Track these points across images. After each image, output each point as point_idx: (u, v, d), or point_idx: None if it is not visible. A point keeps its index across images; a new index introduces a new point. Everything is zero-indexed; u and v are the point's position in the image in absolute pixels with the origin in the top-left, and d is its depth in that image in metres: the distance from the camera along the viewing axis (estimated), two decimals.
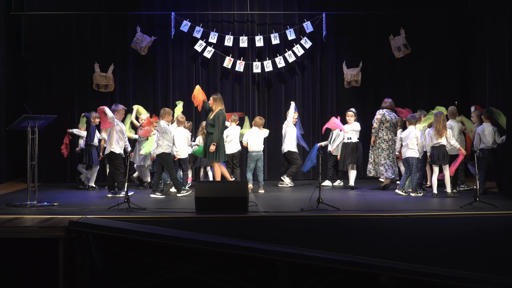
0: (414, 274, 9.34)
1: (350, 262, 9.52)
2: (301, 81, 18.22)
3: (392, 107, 15.35)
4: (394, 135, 14.99)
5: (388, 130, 14.96)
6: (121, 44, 17.80)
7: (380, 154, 14.94)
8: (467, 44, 17.90)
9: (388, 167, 14.89)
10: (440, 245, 10.24)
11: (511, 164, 13.03)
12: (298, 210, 11.31)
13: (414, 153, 13.82)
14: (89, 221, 9.97)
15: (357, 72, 17.75)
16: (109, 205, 11.63)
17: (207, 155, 14.02)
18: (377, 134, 15.01)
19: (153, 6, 17.82)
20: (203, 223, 10.61)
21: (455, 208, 11.61)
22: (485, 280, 9.58)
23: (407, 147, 13.91)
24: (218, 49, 17.65)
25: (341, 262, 9.51)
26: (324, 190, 13.71)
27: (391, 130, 14.99)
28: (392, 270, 9.33)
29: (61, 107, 17.01)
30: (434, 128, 13.73)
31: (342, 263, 9.50)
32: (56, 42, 17.53)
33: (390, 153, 14.92)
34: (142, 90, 17.76)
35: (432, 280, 9.31)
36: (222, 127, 14.07)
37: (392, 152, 14.92)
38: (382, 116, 15.07)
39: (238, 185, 12.14)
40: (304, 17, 17.70)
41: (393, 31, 17.78)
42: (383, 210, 11.42)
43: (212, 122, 13.91)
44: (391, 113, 15.18)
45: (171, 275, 10.03)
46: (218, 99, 14.13)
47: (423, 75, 18.21)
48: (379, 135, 15.01)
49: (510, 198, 12.83)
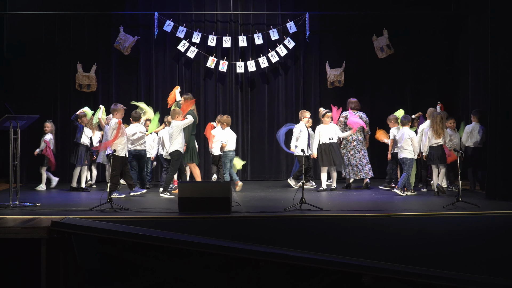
0: (397, 274, 9.37)
1: (333, 262, 9.53)
2: (284, 81, 18.24)
3: (357, 107, 15.43)
4: (360, 134, 15.13)
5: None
6: (104, 44, 17.76)
7: (345, 155, 15.08)
8: (451, 44, 17.97)
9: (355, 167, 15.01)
10: (423, 245, 10.27)
11: (492, 165, 13.10)
12: (281, 210, 11.30)
13: (409, 154, 13.90)
14: (72, 222, 9.93)
15: (340, 73, 17.78)
16: (92, 206, 11.60)
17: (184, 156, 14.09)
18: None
19: (136, 6, 17.77)
20: (186, 223, 10.59)
21: (437, 208, 11.64)
22: (468, 279, 9.62)
23: (402, 148, 13.98)
24: (202, 49, 17.64)
25: (324, 262, 9.52)
26: (307, 191, 13.72)
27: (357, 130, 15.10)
28: (375, 270, 9.36)
29: (44, 107, 16.93)
30: (432, 128, 13.90)
31: (325, 263, 9.51)
32: (39, 42, 17.45)
33: (356, 153, 15.01)
34: (125, 90, 17.73)
35: (416, 280, 9.34)
36: (193, 128, 14.08)
37: (359, 151, 14.98)
38: (344, 118, 15.30)
39: (221, 185, 12.13)
40: (287, 17, 17.71)
41: (376, 31, 17.83)
42: (366, 210, 11.44)
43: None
44: (356, 113, 15.28)
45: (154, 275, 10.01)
46: (189, 99, 14.17)
47: (406, 76, 18.25)
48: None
49: (492, 198, 12.91)
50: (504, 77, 13.03)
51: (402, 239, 10.41)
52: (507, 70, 13.02)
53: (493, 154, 13.08)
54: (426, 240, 10.36)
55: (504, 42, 13.07)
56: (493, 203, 12.36)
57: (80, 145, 14.84)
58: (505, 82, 13.02)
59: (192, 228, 10.43)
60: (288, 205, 11.56)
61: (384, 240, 10.39)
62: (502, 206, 11.84)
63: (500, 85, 13.04)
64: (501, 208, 11.57)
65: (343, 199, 13.53)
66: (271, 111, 18.19)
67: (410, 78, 18.25)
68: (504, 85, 13.01)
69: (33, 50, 17.38)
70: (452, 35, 17.90)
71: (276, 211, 11.28)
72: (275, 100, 18.19)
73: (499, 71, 13.08)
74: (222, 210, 11.13)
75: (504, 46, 13.07)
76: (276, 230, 10.57)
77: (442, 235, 10.50)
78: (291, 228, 10.59)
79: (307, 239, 10.32)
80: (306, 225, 10.72)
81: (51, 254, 9.57)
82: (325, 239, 10.37)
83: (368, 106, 17.80)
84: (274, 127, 17.97)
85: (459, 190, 12.13)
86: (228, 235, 10.25)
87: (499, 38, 13.14)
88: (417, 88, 18.20)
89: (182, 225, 10.51)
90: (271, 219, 10.93)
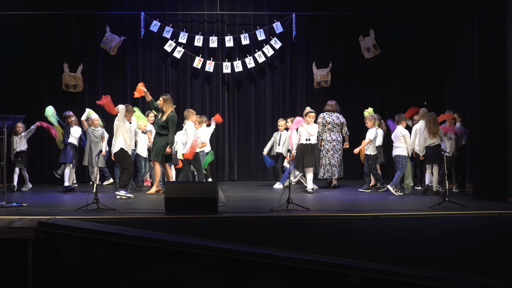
0: (384, 274, 9.39)
1: (320, 262, 9.55)
2: (271, 81, 18.26)
3: (333, 109, 15.48)
4: (338, 135, 15.17)
5: (331, 131, 15.15)
6: (90, 44, 17.72)
7: (325, 155, 15.10)
8: (437, 44, 17.98)
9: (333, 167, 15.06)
10: (409, 245, 10.30)
11: (479, 165, 13.15)
12: (268, 210, 11.30)
13: (402, 151, 14.06)
14: (59, 222, 9.91)
15: (326, 73, 17.80)
16: (79, 206, 11.57)
17: (156, 155, 14.02)
18: (321, 136, 15.22)
19: (122, 6, 17.73)
20: (172, 224, 10.56)
21: (424, 208, 11.67)
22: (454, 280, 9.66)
23: (395, 146, 14.17)
24: (188, 49, 17.64)
25: (311, 262, 9.54)
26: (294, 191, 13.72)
27: (334, 131, 15.19)
28: (361, 270, 9.39)
29: (30, 107, 16.86)
30: (427, 128, 13.97)
31: (312, 263, 9.53)
32: (25, 42, 17.35)
33: (335, 153, 15.04)
34: (112, 90, 17.64)
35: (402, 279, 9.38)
36: (175, 129, 14.08)
37: (337, 152, 15.02)
38: (322, 119, 15.34)
39: (207, 185, 12.13)
40: (274, 18, 17.72)
41: (363, 31, 17.86)
42: (353, 211, 11.45)
43: (165, 124, 13.92)
44: (332, 114, 15.34)
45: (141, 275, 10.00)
46: (169, 100, 14.14)
47: (393, 76, 18.31)
48: (323, 137, 15.23)
49: (478, 198, 12.96)
50: (490, 78, 13.08)
51: (389, 239, 10.43)
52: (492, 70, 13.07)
53: (480, 155, 13.13)
54: (413, 240, 10.38)
55: (490, 42, 13.12)
56: (480, 203, 12.40)
57: (68, 144, 14.86)
58: (491, 82, 13.07)
59: (178, 228, 10.41)
60: (274, 205, 11.57)
61: (371, 240, 10.39)
62: (489, 206, 11.89)
63: (487, 86, 13.09)
64: (488, 208, 11.61)
65: (330, 199, 13.54)
66: (258, 112, 18.20)
67: (397, 78, 18.28)
68: (490, 85, 13.06)
69: (19, 50, 17.28)
70: (439, 35, 17.92)
71: (263, 211, 11.28)
72: (261, 100, 18.20)
73: (485, 71, 13.12)
74: (208, 210, 11.11)
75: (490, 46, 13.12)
76: (263, 230, 10.57)
77: (429, 235, 10.52)
78: (278, 228, 10.59)
79: (294, 239, 10.32)
80: (292, 225, 10.73)
81: (38, 255, 9.56)
82: (311, 239, 10.36)
83: (356, 106, 17.84)
84: (261, 127, 18.01)
85: (445, 190, 12.17)
86: (215, 235, 10.24)
87: (485, 38, 13.19)
88: (404, 88, 18.23)
89: (168, 225, 10.50)
90: (258, 219, 10.92)
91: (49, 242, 9.68)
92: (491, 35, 13.16)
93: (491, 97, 13.07)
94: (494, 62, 13.11)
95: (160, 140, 13.94)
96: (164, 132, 13.92)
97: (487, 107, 13.08)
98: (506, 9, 13.09)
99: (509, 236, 10.70)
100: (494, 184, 12.94)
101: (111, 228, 10.01)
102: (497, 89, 13.08)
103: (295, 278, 9.79)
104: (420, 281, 9.49)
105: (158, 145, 13.98)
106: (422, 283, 9.50)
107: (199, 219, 10.70)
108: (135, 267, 9.98)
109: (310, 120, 14.77)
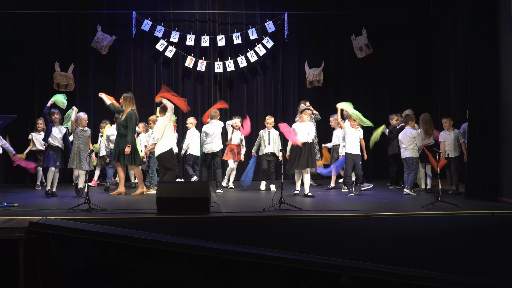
0: (376, 274, 9.37)
1: (312, 262, 9.53)
2: (263, 81, 18.24)
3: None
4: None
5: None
6: (81, 43, 17.69)
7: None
8: (429, 44, 18.01)
9: None
10: (402, 244, 10.28)
11: (471, 165, 13.15)
12: (260, 210, 11.28)
13: (412, 153, 14.03)
14: (50, 222, 9.86)
15: (319, 72, 17.79)
16: (70, 206, 11.52)
17: (122, 158, 13.70)
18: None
19: (114, 5, 17.70)
20: (164, 224, 10.53)
21: (417, 208, 11.66)
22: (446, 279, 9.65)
23: (404, 148, 14.14)
24: (180, 48, 17.61)
25: (303, 262, 9.51)
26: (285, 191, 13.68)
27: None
28: (354, 270, 9.36)
29: (21, 107, 16.83)
30: (423, 129, 14.02)
31: (304, 263, 9.51)
32: (16, 41, 17.35)
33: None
34: (103, 89, 17.42)
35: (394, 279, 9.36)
36: (135, 128, 13.90)
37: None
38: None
39: (199, 185, 12.07)
40: (266, 17, 17.71)
41: (355, 31, 17.87)
42: (345, 210, 11.43)
43: (125, 123, 13.66)
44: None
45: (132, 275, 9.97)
46: (129, 98, 13.85)
47: (385, 75, 18.34)
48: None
49: (471, 198, 12.96)
50: (482, 78, 13.07)
51: (381, 239, 10.40)
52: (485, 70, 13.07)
53: (472, 156, 13.13)
54: (405, 240, 10.37)
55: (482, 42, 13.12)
56: (473, 203, 12.40)
57: (49, 147, 13.83)
58: (483, 82, 13.07)
59: (170, 228, 10.38)
60: (267, 205, 11.54)
61: (363, 240, 10.37)
62: (481, 206, 11.89)
63: (479, 86, 13.08)
64: (480, 208, 11.61)
65: (322, 199, 13.51)
66: (250, 111, 18.13)
67: (389, 78, 18.32)
68: (482, 85, 13.06)
69: (10, 50, 17.26)
70: (431, 34, 17.94)
71: (255, 211, 11.26)
72: (254, 100, 18.18)
73: (477, 72, 13.12)
74: (200, 211, 11.08)
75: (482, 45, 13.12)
76: (255, 230, 10.54)
77: (422, 235, 10.51)
78: (270, 228, 10.57)
79: (286, 239, 10.29)
80: (285, 225, 10.70)
81: (29, 255, 9.49)
82: (304, 239, 10.34)
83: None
84: (253, 127, 17.88)
85: (438, 190, 12.16)
86: (206, 236, 10.21)
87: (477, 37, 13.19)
88: (396, 88, 18.27)
89: (160, 225, 10.47)
90: (250, 219, 10.90)
91: (41, 242, 9.61)
92: (483, 35, 13.15)
93: (483, 97, 13.06)
94: (486, 62, 13.09)
95: (122, 142, 13.63)
96: (125, 132, 13.62)
97: (480, 107, 13.07)
98: (499, 9, 13.09)
99: (502, 235, 10.70)
100: (487, 184, 12.94)
101: (102, 228, 9.97)
102: (489, 89, 13.07)
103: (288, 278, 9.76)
104: (413, 281, 9.47)
105: (122, 147, 13.66)
106: (415, 283, 9.48)
107: (191, 219, 10.67)
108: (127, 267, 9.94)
109: (306, 117, 14.07)
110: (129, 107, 13.75)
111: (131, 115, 13.64)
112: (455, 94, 15.82)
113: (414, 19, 18.23)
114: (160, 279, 9.99)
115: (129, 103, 13.79)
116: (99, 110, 16.96)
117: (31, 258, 9.55)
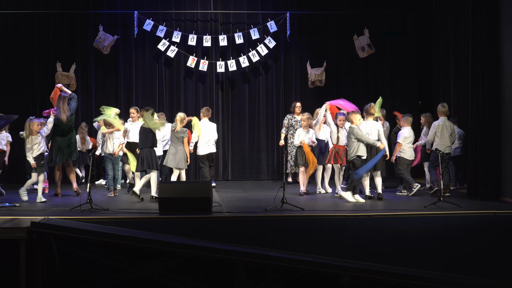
0: (377, 274, 9.36)
1: (313, 262, 9.51)
2: (265, 80, 18.19)
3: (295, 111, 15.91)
4: None
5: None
6: (83, 43, 17.64)
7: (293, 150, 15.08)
8: (431, 44, 17.96)
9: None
10: (404, 245, 10.29)
11: (473, 165, 13.14)
12: (262, 210, 11.28)
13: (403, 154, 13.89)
14: (51, 222, 9.86)
15: (321, 72, 17.75)
16: (72, 206, 11.52)
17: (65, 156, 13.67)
18: (287, 138, 15.71)
19: (115, 5, 17.67)
20: (166, 224, 10.55)
21: (419, 208, 11.65)
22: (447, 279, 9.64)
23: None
24: (182, 48, 17.57)
25: (304, 262, 9.50)
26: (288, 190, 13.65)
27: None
28: (355, 270, 9.35)
29: (23, 106, 16.79)
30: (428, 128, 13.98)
31: (306, 263, 9.49)
32: (17, 41, 17.31)
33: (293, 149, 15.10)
34: (104, 89, 17.65)
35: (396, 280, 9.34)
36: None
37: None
38: (287, 120, 15.90)
39: (201, 185, 12.08)
40: (267, 17, 17.68)
41: (357, 31, 17.82)
42: (347, 210, 11.44)
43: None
44: (297, 117, 15.70)
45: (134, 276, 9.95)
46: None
47: (388, 75, 18.28)
48: (290, 140, 15.71)
49: (473, 198, 12.95)
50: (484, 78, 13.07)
51: (383, 239, 10.42)
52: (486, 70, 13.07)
53: (474, 156, 13.12)
54: (407, 240, 10.39)
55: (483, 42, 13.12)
56: (475, 203, 12.41)
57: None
58: (485, 82, 13.06)
59: (172, 228, 10.38)
60: (269, 205, 11.54)
61: (365, 240, 10.39)
62: (483, 206, 11.92)
63: (481, 85, 13.08)
64: (482, 208, 11.66)
65: (324, 199, 13.50)
66: (252, 111, 18.12)
67: (391, 78, 18.27)
68: (484, 85, 13.06)
69: (11, 50, 17.26)
70: (432, 34, 17.90)
71: (257, 211, 11.27)
72: (255, 99, 18.14)
73: (479, 71, 13.11)
74: (202, 211, 11.09)
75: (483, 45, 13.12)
76: (257, 230, 10.55)
77: (424, 235, 10.53)
78: (272, 228, 10.57)
79: (288, 239, 10.30)
80: (287, 225, 10.71)
81: (31, 255, 9.50)
82: (305, 239, 10.35)
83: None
84: (255, 127, 17.96)
85: (440, 190, 12.15)
86: (208, 236, 10.21)
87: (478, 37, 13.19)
88: (398, 87, 18.22)
89: (162, 225, 10.47)
90: (252, 219, 10.90)
91: (42, 242, 9.61)
92: (485, 35, 13.15)
93: (485, 97, 13.06)
94: (488, 62, 13.11)
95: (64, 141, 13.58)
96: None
97: (481, 107, 13.07)
98: (500, 9, 13.08)
99: (504, 235, 10.71)
100: (489, 184, 12.95)
101: (104, 228, 9.97)
102: (490, 89, 13.08)
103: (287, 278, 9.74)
104: (415, 281, 9.46)
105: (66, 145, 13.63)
106: (416, 283, 9.47)
107: (193, 219, 10.67)
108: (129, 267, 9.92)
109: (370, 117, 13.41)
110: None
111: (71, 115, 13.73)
112: (456, 93, 15.78)
113: (416, 18, 18.18)
114: (160, 279, 9.98)
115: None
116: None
117: (33, 258, 9.55)
